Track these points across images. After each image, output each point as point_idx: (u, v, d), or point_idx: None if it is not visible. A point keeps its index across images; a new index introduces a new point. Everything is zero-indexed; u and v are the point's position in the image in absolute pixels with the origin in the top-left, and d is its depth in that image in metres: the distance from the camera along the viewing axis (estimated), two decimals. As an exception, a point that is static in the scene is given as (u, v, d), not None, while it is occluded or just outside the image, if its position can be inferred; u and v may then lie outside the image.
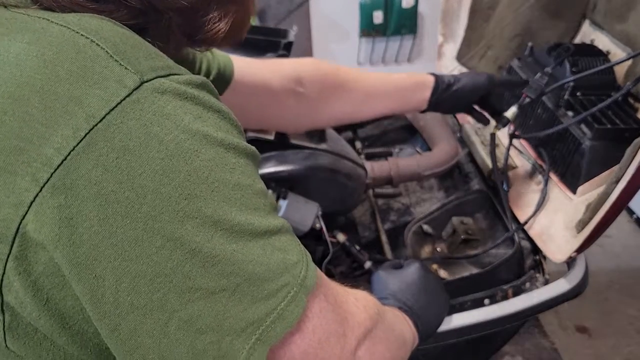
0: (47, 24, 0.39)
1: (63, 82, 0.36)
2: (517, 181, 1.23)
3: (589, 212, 0.97)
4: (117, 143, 0.35)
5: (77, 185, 0.35)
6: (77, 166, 0.35)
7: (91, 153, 0.35)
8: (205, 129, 0.39)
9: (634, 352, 1.97)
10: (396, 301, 0.81)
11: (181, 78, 0.40)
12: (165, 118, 0.37)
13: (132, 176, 0.36)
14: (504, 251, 1.08)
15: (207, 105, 0.40)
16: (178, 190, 0.37)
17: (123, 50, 0.38)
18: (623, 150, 0.89)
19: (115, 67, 0.37)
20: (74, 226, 0.35)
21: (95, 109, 0.35)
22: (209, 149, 0.39)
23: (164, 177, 0.36)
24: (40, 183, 0.34)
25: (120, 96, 0.36)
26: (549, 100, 1.21)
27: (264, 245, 0.41)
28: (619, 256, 2.40)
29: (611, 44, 1.31)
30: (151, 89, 0.37)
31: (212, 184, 0.38)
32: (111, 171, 0.35)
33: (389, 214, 1.40)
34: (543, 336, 2.02)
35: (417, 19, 2.94)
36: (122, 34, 0.40)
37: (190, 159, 0.37)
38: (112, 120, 0.35)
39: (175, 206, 0.37)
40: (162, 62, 0.40)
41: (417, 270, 0.87)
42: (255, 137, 1.04)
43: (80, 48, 0.37)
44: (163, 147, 0.36)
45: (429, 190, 1.44)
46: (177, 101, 0.38)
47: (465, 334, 1.00)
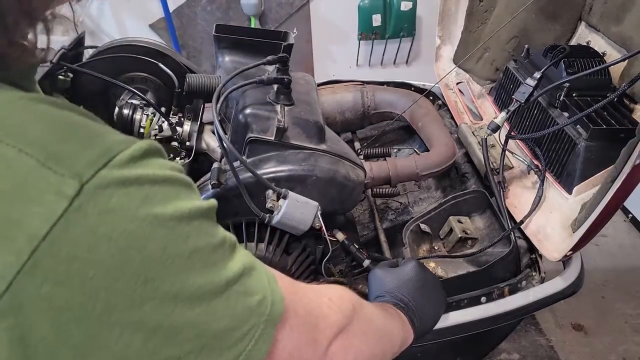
0: None
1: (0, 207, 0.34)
2: (513, 181, 1.24)
3: (584, 212, 0.98)
4: (63, 255, 0.35)
5: (26, 304, 0.34)
6: (24, 287, 0.34)
7: (37, 271, 0.34)
8: (153, 210, 0.38)
9: (629, 350, 1.99)
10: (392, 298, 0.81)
11: (122, 158, 0.38)
12: (110, 214, 0.36)
13: (83, 281, 0.35)
14: (500, 250, 1.09)
15: (153, 180, 0.39)
16: (132, 279, 0.37)
17: (55, 152, 0.36)
18: (618, 150, 0.90)
19: (50, 177, 0.35)
20: (26, 342, 0.35)
21: (36, 228, 0.34)
22: (159, 229, 0.38)
23: (117, 272, 0.36)
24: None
25: (61, 209, 0.35)
26: (545, 101, 1.23)
27: (227, 297, 0.43)
28: (614, 255, 2.42)
29: (607, 45, 1.32)
30: (92, 189, 0.36)
31: (167, 262, 0.39)
32: (61, 283, 0.35)
33: (388, 213, 1.41)
34: (539, 334, 2.04)
35: (415, 21, 2.95)
36: (51, 123, 0.38)
37: (142, 246, 0.37)
38: (55, 235, 0.34)
39: (132, 294, 0.37)
40: (98, 147, 0.38)
41: (413, 268, 0.87)
42: (256, 137, 1.05)
43: (9, 162, 0.35)
44: (112, 244, 0.36)
45: (426, 190, 1.45)
46: (121, 190, 0.37)
47: (463, 332, 1.01)
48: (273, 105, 1.07)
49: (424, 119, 1.43)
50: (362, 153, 1.43)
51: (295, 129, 1.06)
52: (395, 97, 1.49)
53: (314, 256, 1.07)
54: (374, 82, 1.56)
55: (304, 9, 2.92)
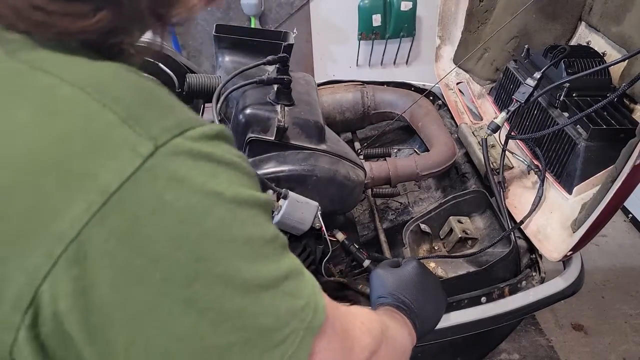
0: (57, 81, 0.38)
1: (78, 157, 0.36)
2: (513, 181, 1.24)
3: (584, 212, 0.98)
4: (129, 214, 0.36)
5: (91, 257, 0.35)
6: (91, 239, 0.35)
7: (104, 226, 0.35)
8: (217, 188, 0.39)
9: (629, 350, 1.99)
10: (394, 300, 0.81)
11: (195, 133, 0.39)
12: (178, 183, 0.37)
13: (145, 244, 0.36)
14: (500, 250, 1.09)
15: (221, 161, 0.40)
16: (189, 254, 0.37)
17: (136, 113, 0.38)
18: (618, 150, 0.90)
19: (128, 135, 0.37)
20: (88, 295, 0.36)
21: (109, 182, 0.35)
22: (220, 208, 0.39)
23: (176, 242, 0.37)
24: (54, 257, 0.35)
25: (134, 166, 0.36)
26: (545, 101, 1.23)
27: (273, 294, 0.42)
28: (614, 255, 2.42)
29: (607, 45, 1.32)
30: (165, 153, 0.37)
31: (222, 243, 0.39)
32: (124, 241, 0.36)
33: (388, 213, 1.41)
34: (539, 334, 2.04)
35: (415, 21, 2.95)
36: (135, 88, 0.40)
37: (202, 222, 0.38)
38: (125, 191, 0.35)
39: (186, 269, 0.37)
40: (176, 117, 0.40)
41: (415, 268, 0.87)
42: (256, 137, 1.05)
43: (92, 116, 0.37)
44: (175, 214, 0.37)
45: (426, 190, 1.45)
46: (191, 162, 0.38)
47: (463, 332, 1.01)
48: (273, 106, 1.07)
49: (424, 119, 1.43)
50: (362, 153, 1.43)
51: (295, 129, 1.06)
52: (395, 97, 1.49)
53: (314, 256, 1.07)
54: (374, 82, 1.56)
55: (304, 9, 2.92)
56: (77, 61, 0.40)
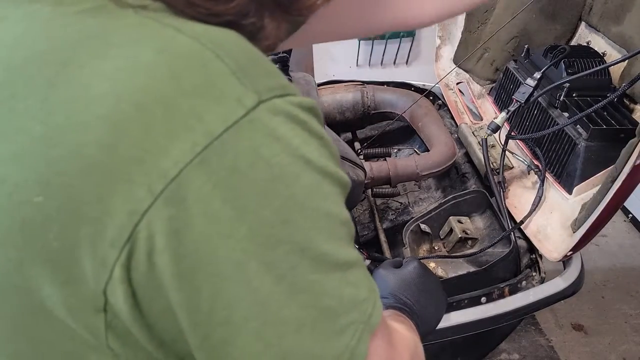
0: (176, 33, 0.39)
1: (187, 96, 0.36)
2: (514, 181, 1.24)
3: (584, 212, 0.98)
4: (227, 162, 0.36)
5: (188, 199, 0.35)
6: (190, 181, 0.35)
7: (204, 169, 0.35)
8: (309, 155, 0.39)
9: (629, 350, 1.99)
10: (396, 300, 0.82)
11: (294, 99, 0.40)
12: (275, 140, 0.37)
13: (237, 196, 0.36)
14: (500, 250, 1.09)
15: (313, 131, 0.41)
16: (275, 214, 0.37)
17: (244, 68, 0.39)
18: (618, 150, 0.90)
19: (236, 85, 0.37)
20: (180, 238, 0.35)
21: (214, 125, 0.36)
22: (309, 174, 0.39)
23: (265, 199, 0.37)
24: (155, 194, 0.35)
25: (238, 115, 0.36)
26: (545, 101, 1.23)
27: (340, 278, 0.42)
28: (614, 255, 2.42)
29: (607, 45, 1.32)
30: (266, 110, 0.37)
31: (307, 211, 0.39)
32: (219, 188, 0.36)
33: (388, 213, 1.41)
34: (539, 334, 2.04)
35: (415, 20, 2.95)
36: (244, 49, 0.41)
37: (291, 184, 0.38)
38: (227, 138, 0.36)
39: (271, 230, 0.37)
40: (278, 81, 0.40)
41: (416, 268, 0.87)
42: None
43: (206, 62, 0.38)
44: (269, 170, 0.37)
45: (426, 190, 1.45)
46: (288, 124, 0.39)
47: (463, 332, 1.01)
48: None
49: (424, 119, 1.43)
50: (362, 153, 1.43)
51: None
52: (395, 97, 1.49)
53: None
54: (374, 82, 1.56)
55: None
56: (190, 22, 0.42)
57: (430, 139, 1.39)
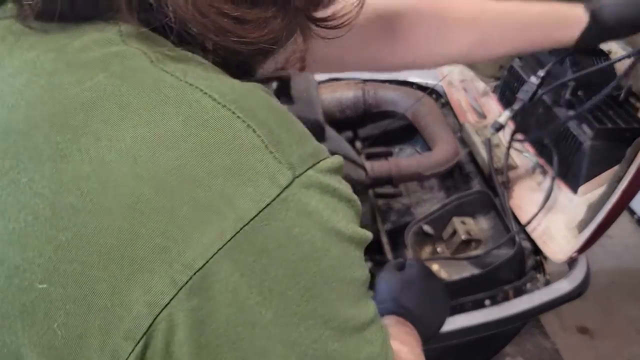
0: (202, 96, 0.36)
1: (217, 176, 0.34)
2: (518, 181, 1.23)
3: (590, 212, 0.97)
4: (257, 246, 0.34)
5: (213, 289, 0.33)
6: (217, 270, 0.33)
7: (232, 257, 0.33)
8: (338, 225, 0.38)
9: (635, 353, 1.97)
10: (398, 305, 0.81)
11: (324, 165, 0.38)
12: (307, 217, 0.36)
13: (264, 280, 0.34)
14: (504, 252, 1.08)
15: (342, 196, 0.39)
16: (301, 292, 0.36)
17: (278, 139, 0.36)
18: (624, 150, 0.89)
19: (270, 161, 0.35)
20: (203, 329, 0.33)
21: (245, 210, 0.34)
22: (337, 246, 0.38)
23: (293, 279, 0.35)
24: (179, 286, 0.33)
25: (272, 196, 0.34)
26: (550, 99, 1.21)
27: (358, 340, 0.41)
28: (620, 256, 2.40)
29: (613, 43, 1.30)
30: (300, 185, 0.36)
31: (333, 284, 0.37)
32: (246, 275, 0.34)
33: (389, 214, 1.40)
34: (544, 337, 2.02)
35: (418, 19, 2.95)
36: (275, 112, 0.38)
37: (320, 260, 0.36)
38: (258, 222, 0.34)
39: (296, 309, 0.36)
40: (310, 146, 0.38)
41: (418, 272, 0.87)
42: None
43: (237, 135, 0.35)
44: (299, 249, 0.35)
45: (429, 191, 1.44)
46: (319, 195, 0.37)
47: (466, 335, 1.00)
48: (272, 104, 1.06)
49: (426, 118, 1.42)
50: (363, 152, 1.42)
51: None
52: (397, 96, 1.48)
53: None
54: (376, 80, 1.55)
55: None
56: (215, 77, 0.39)
57: (432, 138, 1.38)
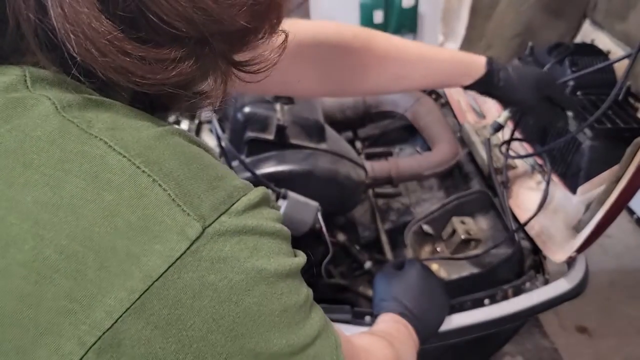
0: (106, 150, 0.35)
1: (122, 237, 0.33)
2: (517, 181, 1.23)
3: (589, 212, 0.97)
4: (170, 299, 0.34)
5: (124, 345, 0.33)
6: (127, 327, 0.33)
7: (143, 313, 0.33)
8: (259, 263, 0.38)
9: (634, 353, 1.97)
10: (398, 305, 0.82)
11: (240, 206, 0.38)
12: (222, 263, 0.35)
13: (181, 329, 0.34)
14: (504, 251, 1.08)
15: (263, 232, 0.39)
16: (224, 334, 0.36)
17: (186, 190, 0.36)
18: (623, 149, 0.89)
19: (177, 215, 0.35)
20: None
21: (153, 267, 0.33)
22: (260, 284, 0.38)
23: (213, 324, 0.35)
24: (87, 346, 0.33)
25: (181, 250, 0.34)
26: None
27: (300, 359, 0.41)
28: (619, 256, 2.40)
29: (611, 43, 1.31)
30: (212, 234, 0.35)
31: (259, 319, 0.37)
32: (161, 328, 0.34)
33: (389, 213, 1.40)
34: (543, 336, 2.02)
35: (417, 18, 2.94)
36: (185, 161, 0.37)
37: (241, 300, 0.36)
38: (168, 277, 0.34)
39: (220, 349, 0.36)
40: (224, 189, 0.38)
41: (417, 272, 0.87)
42: (256, 137, 1.04)
43: (142, 192, 0.34)
44: (216, 295, 0.35)
45: (429, 190, 1.44)
46: (235, 238, 0.37)
47: (465, 334, 1.00)
48: (272, 104, 1.06)
49: (426, 118, 1.42)
50: (364, 152, 1.42)
51: (295, 128, 1.05)
52: (396, 96, 1.48)
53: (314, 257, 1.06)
54: (376, 80, 1.54)
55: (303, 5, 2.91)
56: (123, 124, 0.37)
57: (432, 138, 1.38)
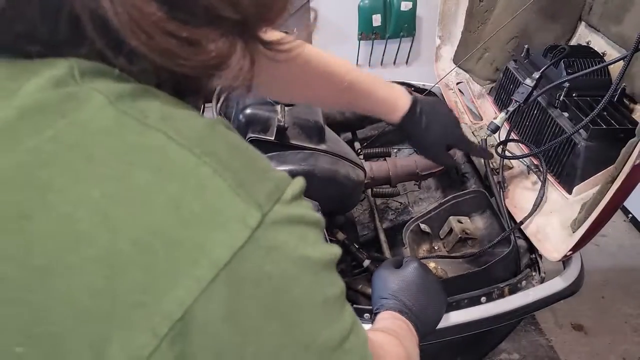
0: (166, 141, 0.35)
1: (189, 227, 0.34)
2: (513, 181, 1.24)
3: (584, 212, 0.98)
4: (233, 289, 0.34)
5: (194, 334, 0.34)
6: (196, 317, 0.33)
7: (210, 303, 0.34)
8: (306, 252, 0.38)
9: (629, 350, 1.99)
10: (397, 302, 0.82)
11: (288, 195, 0.38)
12: (275, 251, 0.36)
13: (243, 319, 0.35)
14: (500, 250, 1.09)
15: (308, 221, 0.40)
16: (278, 323, 0.37)
17: (243, 180, 0.36)
18: (618, 150, 0.90)
19: (238, 204, 0.35)
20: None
21: (219, 255, 0.34)
22: (307, 273, 0.39)
23: (270, 313, 0.36)
24: (160, 337, 0.33)
25: (244, 238, 0.35)
26: (545, 101, 1.23)
27: (339, 355, 0.42)
28: (614, 255, 2.42)
29: (607, 45, 1.32)
30: (269, 223, 0.36)
31: (307, 309, 0.38)
32: (225, 319, 0.34)
33: (388, 213, 1.41)
34: (539, 334, 2.04)
35: (415, 21, 2.95)
36: (237, 151, 0.38)
37: (291, 289, 0.37)
38: (233, 265, 0.34)
39: (276, 340, 0.37)
40: (273, 179, 0.38)
41: (416, 269, 0.88)
42: (256, 137, 1.05)
43: (203, 182, 0.35)
44: (271, 284, 0.36)
45: (426, 190, 1.45)
46: (286, 227, 0.37)
47: (462, 332, 1.01)
48: (273, 105, 1.07)
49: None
50: (362, 153, 1.43)
51: (295, 129, 1.06)
52: (395, 97, 1.48)
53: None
54: (374, 82, 1.55)
55: (304, 9, 2.92)
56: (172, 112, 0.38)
57: (430, 139, 1.38)
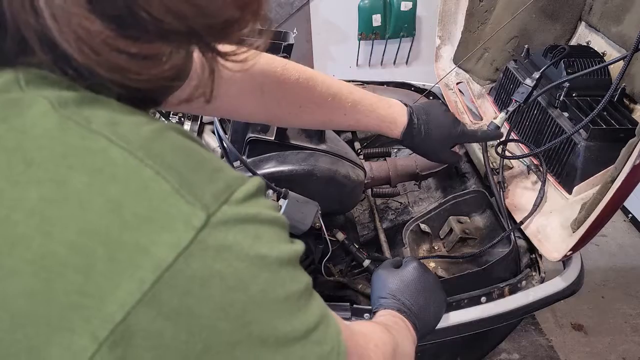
0: (108, 144, 0.35)
1: (129, 229, 0.34)
2: (513, 181, 1.24)
3: (584, 212, 0.98)
4: (180, 289, 0.34)
5: (136, 337, 0.33)
6: (138, 320, 0.33)
7: (154, 304, 0.33)
8: (262, 250, 0.38)
9: (629, 350, 1.99)
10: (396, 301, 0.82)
11: (239, 195, 0.38)
12: (227, 251, 0.36)
13: (190, 318, 0.35)
14: (500, 250, 1.09)
15: (264, 220, 0.39)
16: (232, 322, 0.37)
17: (188, 181, 0.36)
18: (618, 150, 0.90)
19: (182, 206, 0.35)
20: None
21: (162, 257, 0.34)
22: (264, 271, 0.38)
23: (221, 312, 0.36)
24: (100, 340, 0.33)
25: (188, 239, 0.34)
26: (545, 101, 1.23)
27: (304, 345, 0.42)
28: (614, 255, 2.42)
29: (607, 45, 1.32)
30: (215, 223, 0.36)
31: (264, 306, 0.38)
32: (171, 318, 0.34)
33: (388, 213, 1.41)
34: (539, 334, 2.04)
35: (415, 21, 2.96)
36: (184, 153, 0.38)
37: (247, 288, 0.37)
38: (177, 267, 0.34)
39: (229, 337, 0.37)
40: (223, 180, 0.38)
41: (415, 269, 0.88)
42: (256, 137, 1.05)
43: (146, 183, 0.35)
44: (223, 283, 0.36)
45: (426, 190, 1.45)
46: (237, 226, 0.37)
47: (462, 332, 1.01)
48: (273, 105, 1.07)
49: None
50: (362, 153, 1.43)
51: (295, 128, 1.06)
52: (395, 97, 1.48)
53: (313, 256, 1.08)
54: (374, 82, 1.56)
55: (304, 9, 2.92)
56: (121, 119, 0.38)
57: (430, 139, 1.38)
